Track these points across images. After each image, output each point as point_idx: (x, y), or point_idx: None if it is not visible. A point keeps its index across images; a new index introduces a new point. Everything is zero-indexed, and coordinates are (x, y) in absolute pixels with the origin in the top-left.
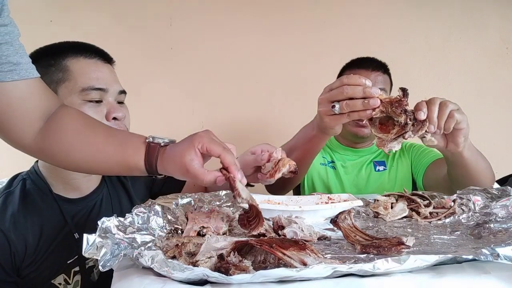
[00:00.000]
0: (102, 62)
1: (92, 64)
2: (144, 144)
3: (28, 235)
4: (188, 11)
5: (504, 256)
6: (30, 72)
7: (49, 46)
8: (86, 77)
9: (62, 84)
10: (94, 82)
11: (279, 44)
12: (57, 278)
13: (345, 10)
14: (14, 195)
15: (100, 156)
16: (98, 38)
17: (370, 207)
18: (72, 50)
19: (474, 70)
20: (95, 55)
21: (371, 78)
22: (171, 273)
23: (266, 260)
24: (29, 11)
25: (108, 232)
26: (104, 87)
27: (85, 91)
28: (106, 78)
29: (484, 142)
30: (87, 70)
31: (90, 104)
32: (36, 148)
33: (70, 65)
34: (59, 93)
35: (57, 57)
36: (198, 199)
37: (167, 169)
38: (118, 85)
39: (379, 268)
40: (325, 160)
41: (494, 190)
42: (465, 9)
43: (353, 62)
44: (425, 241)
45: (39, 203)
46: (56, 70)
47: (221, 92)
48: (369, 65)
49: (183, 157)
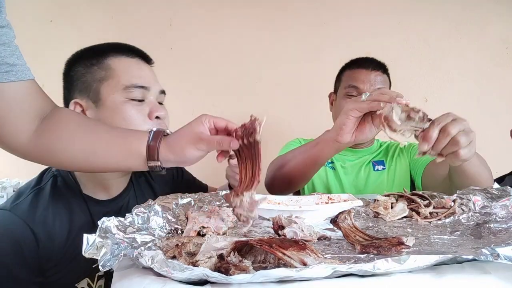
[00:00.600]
0: (143, 61)
1: (134, 63)
2: (147, 133)
3: (56, 235)
4: (188, 11)
5: (504, 256)
6: (26, 73)
7: (92, 46)
8: (129, 75)
9: (104, 82)
10: (137, 80)
11: (279, 44)
12: (81, 282)
13: (346, 10)
14: (45, 192)
15: (100, 147)
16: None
17: (370, 207)
18: (114, 49)
19: (474, 70)
20: (136, 55)
21: (371, 77)
22: (171, 273)
23: (266, 260)
24: (29, 11)
25: (108, 232)
26: (146, 85)
27: (128, 89)
28: (148, 77)
29: (484, 142)
30: (129, 68)
31: (133, 102)
32: (32, 148)
33: (113, 63)
34: (102, 91)
35: (99, 56)
36: (198, 199)
37: (175, 148)
38: (158, 85)
39: (379, 268)
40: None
41: (494, 190)
42: (465, 9)
43: (353, 62)
44: (425, 241)
45: (69, 203)
46: (98, 68)
47: (221, 92)
48: (369, 65)
49: (194, 129)
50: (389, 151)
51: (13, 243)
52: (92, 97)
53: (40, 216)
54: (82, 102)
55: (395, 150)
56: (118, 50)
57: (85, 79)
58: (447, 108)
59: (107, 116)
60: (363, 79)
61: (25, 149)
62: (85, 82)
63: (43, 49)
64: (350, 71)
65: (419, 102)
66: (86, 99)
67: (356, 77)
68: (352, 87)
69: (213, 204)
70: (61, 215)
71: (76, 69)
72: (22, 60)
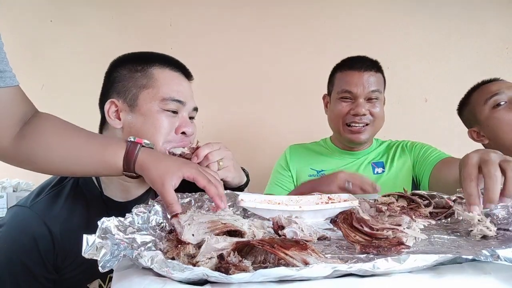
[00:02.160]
0: (184, 77)
1: (175, 76)
2: (126, 142)
3: (73, 235)
4: (188, 11)
5: (504, 258)
6: (14, 80)
7: (138, 52)
8: (169, 88)
9: (145, 90)
10: (175, 93)
11: (279, 44)
12: (93, 282)
13: (346, 10)
14: (65, 191)
15: (79, 155)
16: (98, 38)
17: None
18: (160, 60)
19: (474, 70)
20: (179, 69)
21: (364, 79)
22: (171, 273)
23: (266, 260)
24: (29, 11)
25: (108, 233)
26: (183, 100)
27: (165, 101)
28: (186, 92)
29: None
30: (170, 81)
31: (167, 113)
32: (13, 152)
33: (156, 73)
34: (140, 98)
35: (144, 64)
36: (198, 199)
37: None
38: (193, 102)
39: (379, 268)
40: (313, 171)
41: None
42: (465, 9)
43: (344, 62)
44: (425, 241)
45: (87, 204)
46: (142, 75)
47: (221, 92)
48: (361, 66)
49: (166, 175)
50: (389, 151)
51: (29, 240)
52: (129, 101)
53: (58, 215)
54: (118, 103)
55: (396, 150)
56: (163, 61)
57: (126, 83)
58: (447, 108)
59: (139, 121)
60: (355, 82)
61: (6, 153)
62: (126, 86)
63: (43, 49)
64: (342, 74)
65: (419, 102)
66: (122, 101)
67: (349, 80)
68: (345, 91)
69: (213, 204)
70: (79, 215)
71: (120, 71)
72: (9, 67)
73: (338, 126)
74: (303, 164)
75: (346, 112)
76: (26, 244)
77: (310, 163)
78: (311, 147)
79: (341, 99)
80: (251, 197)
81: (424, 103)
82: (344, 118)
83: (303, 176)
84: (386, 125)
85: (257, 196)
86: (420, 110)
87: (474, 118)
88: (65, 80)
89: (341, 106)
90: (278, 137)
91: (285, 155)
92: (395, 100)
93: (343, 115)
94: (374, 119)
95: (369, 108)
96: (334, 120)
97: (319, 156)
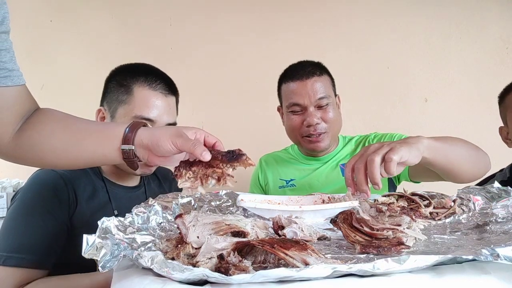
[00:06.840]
0: (163, 94)
1: (153, 96)
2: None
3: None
4: (188, 11)
5: (504, 257)
6: (21, 78)
7: (129, 65)
8: (143, 106)
9: (123, 105)
10: (146, 112)
11: (279, 44)
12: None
13: (345, 11)
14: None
15: (79, 136)
16: (98, 38)
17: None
18: (144, 76)
19: (474, 70)
20: (160, 86)
21: (308, 88)
22: (170, 274)
23: (266, 260)
24: (29, 11)
25: (108, 233)
26: (153, 118)
27: (135, 118)
28: (160, 111)
29: (484, 142)
30: (146, 100)
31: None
32: (12, 147)
33: (136, 91)
34: (118, 111)
35: (130, 79)
36: (198, 199)
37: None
38: (170, 117)
39: (379, 268)
40: (283, 182)
41: (495, 189)
42: (465, 9)
43: (285, 73)
44: (425, 241)
45: (91, 176)
46: (124, 91)
47: (221, 92)
48: (302, 74)
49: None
50: (358, 148)
51: (50, 189)
52: (111, 112)
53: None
54: (105, 113)
55: (364, 145)
56: (146, 79)
57: (113, 95)
58: (447, 108)
59: None
60: (300, 92)
61: (7, 149)
62: (112, 98)
63: (43, 49)
64: (286, 85)
65: (419, 102)
66: (108, 110)
67: (293, 92)
68: (293, 104)
69: (213, 204)
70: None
71: (112, 82)
72: (17, 65)
73: (296, 138)
74: (273, 176)
75: (300, 124)
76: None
77: (279, 173)
78: (281, 155)
79: (292, 113)
80: (251, 197)
81: (424, 103)
82: (300, 131)
83: (273, 188)
84: (386, 125)
85: (257, 196)
86: (420, 110)
87: (505, 119)
88: (65, 80)
89: (293, 119)
90: (278, 137)
91: (256, 170)
92: (395, 100)
93: (297, 128)
94: (330, 125)
95: (321, 115)
96: (291, 134)
97: (287, 165)
